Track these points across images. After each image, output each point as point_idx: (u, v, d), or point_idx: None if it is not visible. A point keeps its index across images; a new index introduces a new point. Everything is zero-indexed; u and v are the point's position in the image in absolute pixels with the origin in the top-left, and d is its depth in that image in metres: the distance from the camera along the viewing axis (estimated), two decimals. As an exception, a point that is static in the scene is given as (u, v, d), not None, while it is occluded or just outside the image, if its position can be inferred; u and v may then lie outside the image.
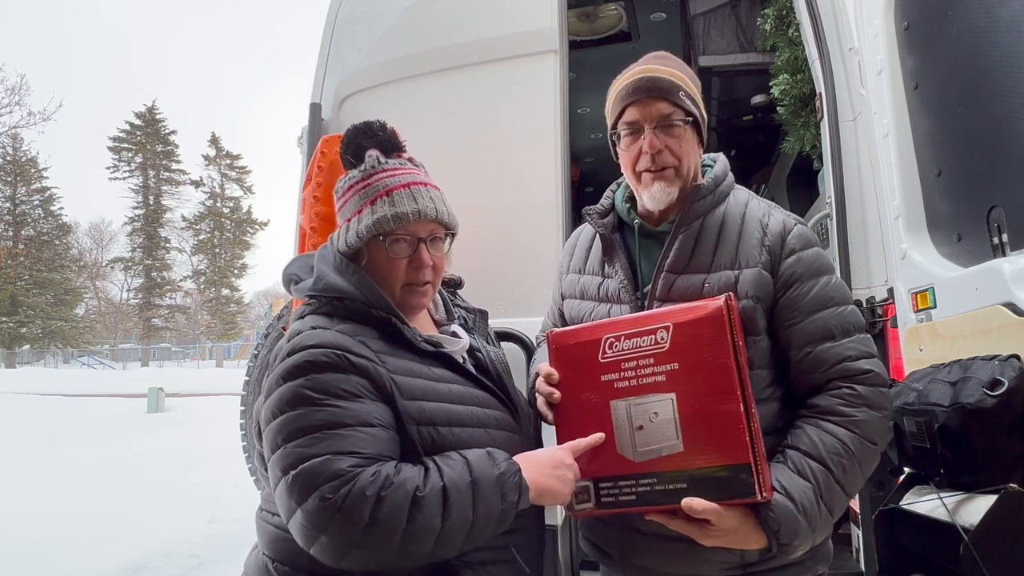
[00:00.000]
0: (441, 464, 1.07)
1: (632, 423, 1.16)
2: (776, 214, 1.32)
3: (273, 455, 1.05)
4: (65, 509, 5.70)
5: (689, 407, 1.12)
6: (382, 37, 2.78)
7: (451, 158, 2.48)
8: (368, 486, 0.98)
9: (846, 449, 1.16)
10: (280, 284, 1.42)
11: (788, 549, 1.13)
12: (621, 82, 1.35)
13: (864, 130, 2.21)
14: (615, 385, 1.19)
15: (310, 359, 1.08)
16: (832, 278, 1.28)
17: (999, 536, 1.32)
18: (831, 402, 1.20)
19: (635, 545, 1.30)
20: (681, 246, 1.31)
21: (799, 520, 1.11)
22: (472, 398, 1.23)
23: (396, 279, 1.25)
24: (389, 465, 1.03)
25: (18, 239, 40.74)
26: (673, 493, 1.11)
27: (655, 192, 1.31)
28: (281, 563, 1.15)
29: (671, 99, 1.29)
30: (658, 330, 1.17)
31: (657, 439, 1.14)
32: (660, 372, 1.15)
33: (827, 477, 1.14)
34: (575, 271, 1.50)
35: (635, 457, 1.15)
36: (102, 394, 18.56)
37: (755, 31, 3.58)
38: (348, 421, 1.04)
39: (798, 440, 1.19)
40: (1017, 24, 1.54)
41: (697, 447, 1.11)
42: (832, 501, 1.15)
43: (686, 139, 1.31)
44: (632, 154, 1.33)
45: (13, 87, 36.56)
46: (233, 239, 46.81)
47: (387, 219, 1.22)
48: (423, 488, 1.01)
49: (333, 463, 0.99)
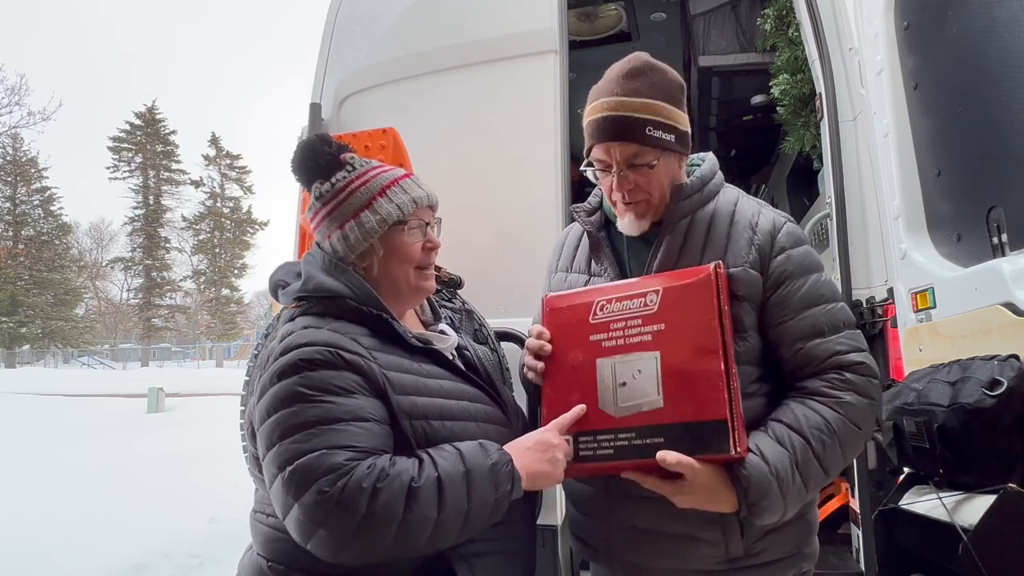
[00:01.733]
0: (435, 455, 1.08)
1: (616, 380, 1.18)
2: (766, 212, 1.32)
3: (268, 453, 1.05)
4: (65, 509, 5.70)
5: (672, 365, 1.14)
6: (382, 37, 2.78)
7: (451, 158, 2.48)
8: (364, 478, 0.98)
9: (828, 426, 1.15)
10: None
11: (756, 510, 1.11)
12: (589, 111, 1.31)
13: (864, 130, 2.21)
14: (602, 344, 1.21)
15: (303, 357, 1.09)
16: (821, 275, 1.28)
17: (998, 536, 1.33)
18: (818, 384, 1.20)
19: (622, 540, 1.30)
20: (668, 246, 1.31)
21: (771, 481, 1.10)
22: (462, 393, 1.25)
23: (412, 263, 1.30)
24: (384, 458, 1.04)
25: (18, 239, 40.75)
26: (650, 447, 1.11)
27: (627, 223, 1.34)
28: (276, 563, 1.16)
29: (638, 140, 1.26)
30: (648, 293, 1.20)
31: (638, 395, 1.15)
32: (647, 332, 1.17)
33: (805, 449, 1.14)
34: (563, 269, 1.51)
35: (616, 412, 1.16)
36: (102, 394, 18.58)
37: (755, 31, 3.58)
38: (342, 416, 1.05)
39: (781, 414, 1.20)
40: (1016, 24, 1.54)
41: (677, 403, 1.12)
42: (808, 472, 1.14)
43: (657, 171, 1.29)
44: (605, 186, 1.35)
45: (13, 87, 36.62)
46: (233, 239, 46.80)
47: (406, 203, 1.27)
48: (418, 479, 1.02)
49: (329, 457, 1.00)
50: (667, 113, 1.28)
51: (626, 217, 1.34)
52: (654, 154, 1.27)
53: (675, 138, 1.29)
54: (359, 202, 1.27)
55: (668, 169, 1.31)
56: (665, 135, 1.27)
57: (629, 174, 1.28)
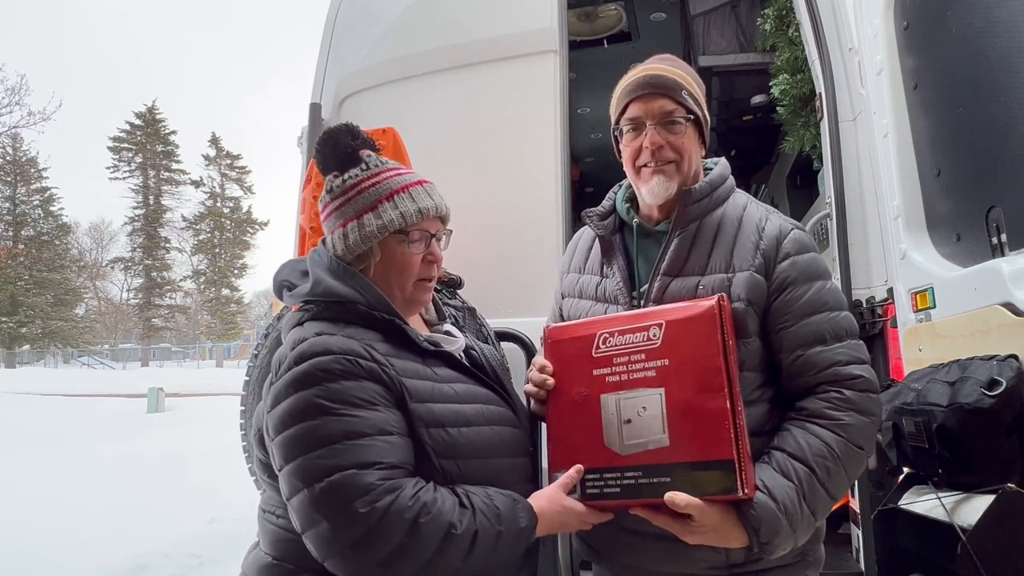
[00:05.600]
0: (476, 505, 1.08)
1: (620, 417, 1.17)
2: (774, 219, 1.33)
3: (288, 466, 1.04)
4: (65, 509, 5.70)
5: (677, 403, 1.13)
6: (382, 37, 2.78)
7: (451, 158, 2.49)
8: (407, 509, 0.98)
9: (831, 452, 1.15)
10: (278, 285, 1.40)
11: (768, 548, 1.12)
12: (625, 80, 1.37)
13: (864, 130, 2.22)
14: (606, 379, 1.20)
15: (321, 367, 1.07)
16: (827, 283, 1.28)
17: (996, 536, 1.33)
18: (818, 405, 1.20)
19: (624, 544, 1.31)
20: (677, 249, 1.31)
21: (780, 519, 1.10)
22: (475, 396, 1.23)
23: (412, 275, 1.26)
24: (428, 489, 1.04)
25: (18, 239, 40.72)
26: (657, 487, 1.11)
27: (654, 186, 1.33)
28: (284, 562, 1.15)
29: (674, 96, 1.31)
30: (651, 327, 1.19)
31: (644, 433, 1.15)
32: (651, 368, 1.17)
33: (811, 478, 1.14)
34: (575, 271, 1.51)
35: (622, 450, 1.16)
36: (102, 394, 18.57)
37: (755, 31, 3.58)
38: (367, 430, 1.03)
39: (783, 442, 1.19)
40: (1016, 24, 1.55)
41: (683, 442, 1.11)
42: (815, 502, 1.14)
43: (687, 136, 1.33)
44: (633, 149, 1.35)
45: (13, 87, 36.41)
46: (233, 239, 46.78)
47: (411, 213, 1.23)
48: (458, 527, 1.02)
49: (362, 477, 0.99)
50: (697, 91, 1.36)
51: (652, 180, 1.33)
52: (686, 116, 1.32)
53: (701, 116, 1.36)
54: (365, 203, 1.23)
55: (693, 144, 1.35)
56: (696, 106, 1.34)
57: (662, 130, 1.31)
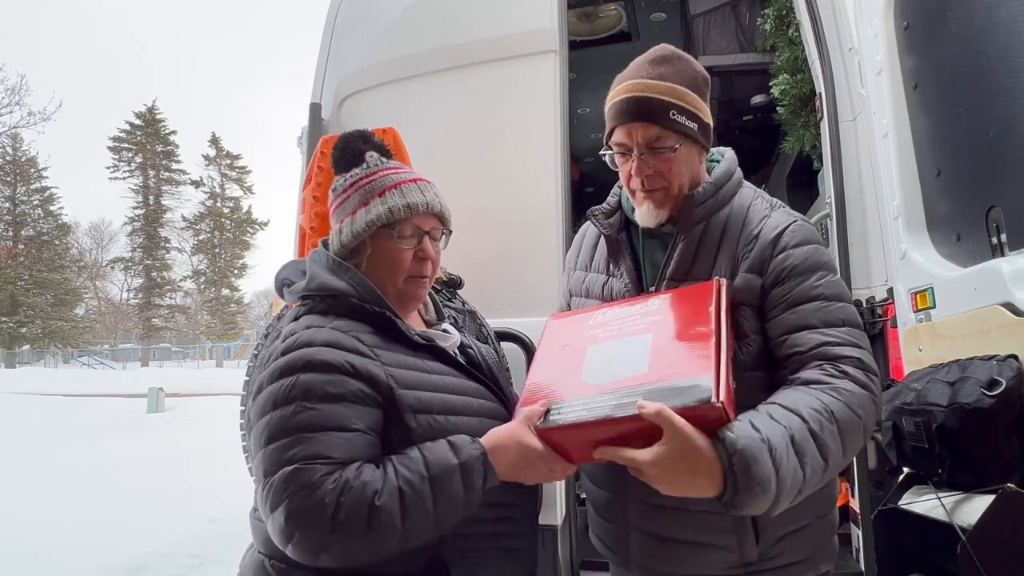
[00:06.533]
0: (398, 463, 1.07)
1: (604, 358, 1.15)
2: (775, 215, 1.30)
3: (258, 455, 1.07)
4: (65, 509, 5.70)
5: (663, 342, 1.11)
6: (382, 37, 2.78)
7: (451, 158, 2.49)
8: (327, 494, 1.00)
9: (827, 409, 1.05)
10: (279, 285, 1.42)
11: (743, 486, 0.94)
12: (614, 94, 1.30)
13: (864, 130, 2.21)
14: (598, 336, 1.20)
15: (301, 358, 1.09)
16: (825, 275, 1.23)
17: (996, 536, 1.33)
18: (812, 373, 1.12)
19: (640, 545, 1.31)
20: (682, 254, 1.29)
21: (761, 448, 0.95)
22: (465, 389, 1.25)
23: (401, 270, 1.28)
24: (351, 469, 1.04)
25: (18, 239, 40.70)
26: (628, 406, 1.00)
27: (644, 212, 1.32)
28: (278, 561, 1.16)
29: (661, 123, 1.24)
30: (650, 299, 1.23)
31: (624, 370, 1.09)
32: (643, 324, 1.17)
33: (802, 427, 1.01)
34: (582, 268, 1.50)
35: (598, 382, 1.10)
36: (102, 394, 18.57)
37: (755, 31, 3.59)
38: (324, 424, 1.05)
39: (775, 397, 1.10)
40: (1016, 24, 1.54)
41: (662, 368, 1.06)
42: (804, 453, 1.00)
43: (678, 159, 1.27)
44: (624, 172, 1.32)
45: (13, 87, 36.43)
46: (233, 239, 46.78)
47: (399, 208, 1.26)
48: (381, 491, 1.03)
49: (302, 473, 1.01)
50: (691, 101, 1.27)
51: (643, 206, 1.31)
52: (676, 139, 1.25)
53: (697, 127, 1.28)
54: (359, 200, 1.28)
55: (688, 159, 1.29)
56: (688, 122, 1.26)
57: (650, 158, 1.26)
